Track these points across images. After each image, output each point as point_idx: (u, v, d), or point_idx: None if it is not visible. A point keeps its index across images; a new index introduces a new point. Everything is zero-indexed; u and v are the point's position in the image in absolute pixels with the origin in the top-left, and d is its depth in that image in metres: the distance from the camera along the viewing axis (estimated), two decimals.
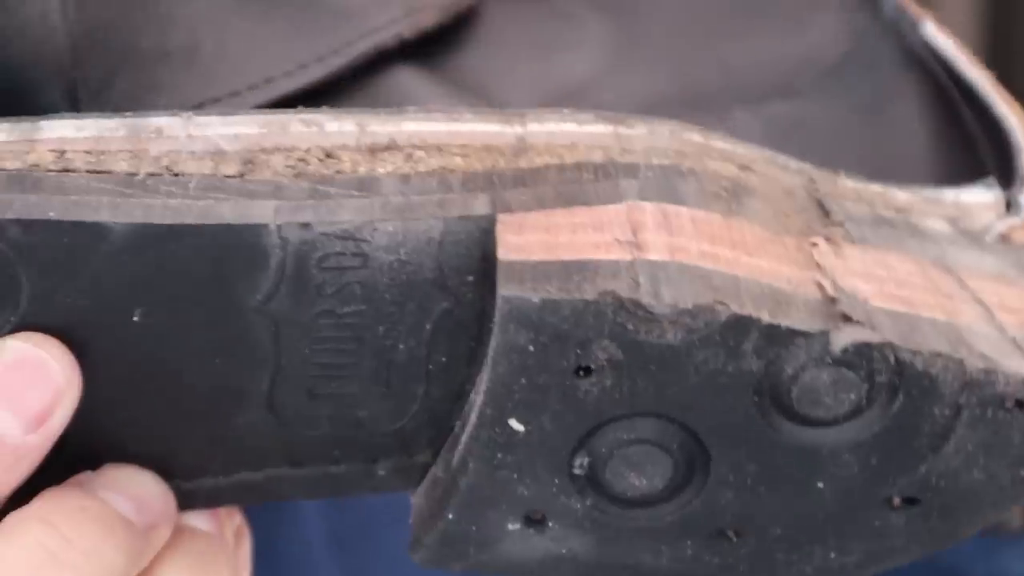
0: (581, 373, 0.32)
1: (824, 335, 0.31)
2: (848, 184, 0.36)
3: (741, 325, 0.31)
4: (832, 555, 0.35)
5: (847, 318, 0.32)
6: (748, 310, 0.31)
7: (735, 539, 0.35)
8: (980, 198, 0.37)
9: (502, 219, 0.32)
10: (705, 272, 0.32)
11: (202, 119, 0.34)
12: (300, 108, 0.35)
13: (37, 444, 0.33)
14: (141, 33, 0.38)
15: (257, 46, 0.38)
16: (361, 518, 0.51)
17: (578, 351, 0.32)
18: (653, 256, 0.32)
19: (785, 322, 0.31)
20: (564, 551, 0.35)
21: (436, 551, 0.35)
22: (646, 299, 0.31)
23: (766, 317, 0.31)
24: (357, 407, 0.35)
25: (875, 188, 0.36)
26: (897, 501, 0.34)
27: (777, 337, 0.31)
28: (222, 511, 0.37)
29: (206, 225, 0.32)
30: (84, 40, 0.37)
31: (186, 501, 0.36)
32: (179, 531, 0.36)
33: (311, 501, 0.50)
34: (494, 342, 0.32)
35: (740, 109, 0.41)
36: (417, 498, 0.36)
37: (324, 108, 0.35)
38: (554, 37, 0.43)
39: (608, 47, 0.42)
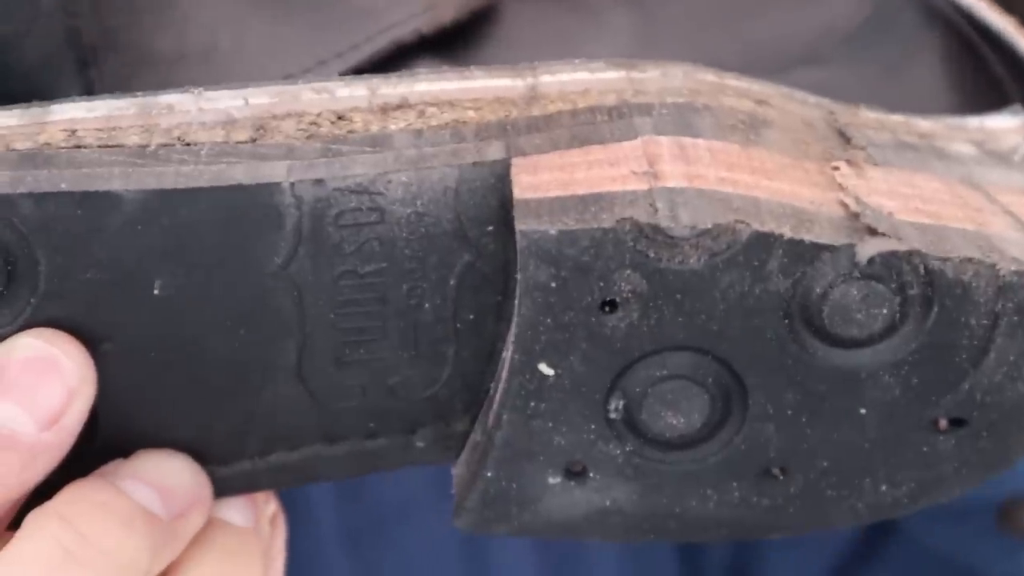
0: (606, 308, 0.31)
1: (850, 248, 0.31)
2: (869, 115, 0.36)
3: (764, 243, 0.31)
4: (883, 487, 0.34)
5: (872, 231, 0.31)
6: (770, 227, 0.31)
7: (782, 477, 0.34)
8: (1005, 123, 0.37)
9: (516, 162, 0.32)
10: (724, 195, 0.31)
11: (212, 93, 0.34)
12: (311, 77, 0.35)
13: (52, 442, 0.32)
14: (157, 34, 0.38)
15: (275, 45, 0.38)
16: (374, 514, 0.51)
17: (601, 283, 0.31)
18: (671, 183, 0.31)
19: (809, 237, 0.31)
20: (608, 503, 0.34)
21: (479, 514, 0.35)
22: (664, 222, 0.30)
23: (788, 232, 0.31)
24: (388, 374, 0.34)
25: (897, 118, 0.36)
26: (944, 424, 0.33)
27: (802, 253, 0.31)
28: (259, 499, 0.37)
29: (219, 187, 0.32)
30: (101, 41, 0.37)
31: (223, 487, 0.36)
32: (212, 524, 0.35)
33: (323, 496, 0.50)
34: (518, 282, 0.31)
35: (765, 80, 0.41)
36: (458, 468, 0.36)
37: (335, 76, 0.35)
38: (576, 30, 0.43)
39: (630, 37, 0.43)
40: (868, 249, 0.31)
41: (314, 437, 0.35)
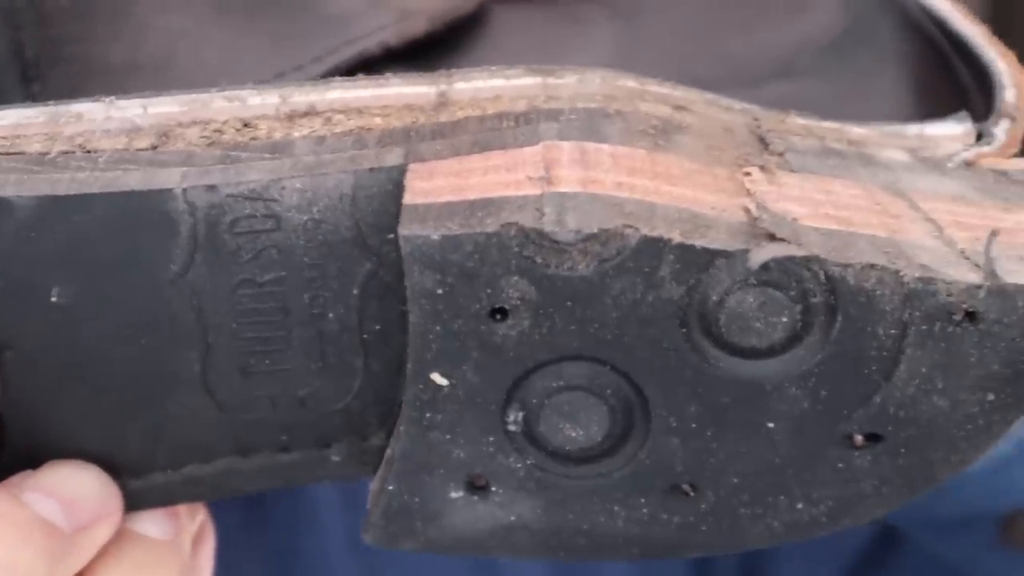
0: (497, 316, 0.31)
1: (744, 254, 0.30)
2: (798, 121, 0.35)
3: (653, 248, 0.30)
4: (799, 505, 0.33)
5: (771, 236, 0.30)
6: (660, 232, 0.30)
7: (692, 494, 0.33)
8: (948, 130, 0.35)
9: (413, 168, 0.32)
10: (618, 200, 0.30)
11: (124, 102, 0.34)
12: (225, 85, 0.34)
13: None
14: (111, 44, 0.38)
15: (235, 57, 0.38)
16: None
17: (488, 290, 0.30)
18: (563, 188, 0.30)
19: (701, 242, 0.30)
20: (513, 518, 0.33)
21: (384, 528, 0.34)
22: (548, 227, 0.30)
23: (678, 237, 0.30)
24: (297, 385, 0.34)
25: (829, 124, 0.35)
26: (859, 439, 0.32)
27: (694, 259, 0.30)
28: (182, 511, 0.36)
29: (113, 194, 0.32)
30: (46, 54, 0.37)
31: (138, 500, 0.35)
32: (124, 536, 0.35)
33: (330, 500, 0.49)
34: (407, 290, 0.31)
35: (736, 94, 0.40)
36: (374, 482, 0.35)
37: (250, 84, 0.35)
38: (560, 41, 0.42)
39: (613, 49, 0.42)
40: (762, 254, 0.30)
41: (227, 450, 0.35)
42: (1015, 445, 0.48)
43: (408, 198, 0.31)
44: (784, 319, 0.30)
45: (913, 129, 0.35)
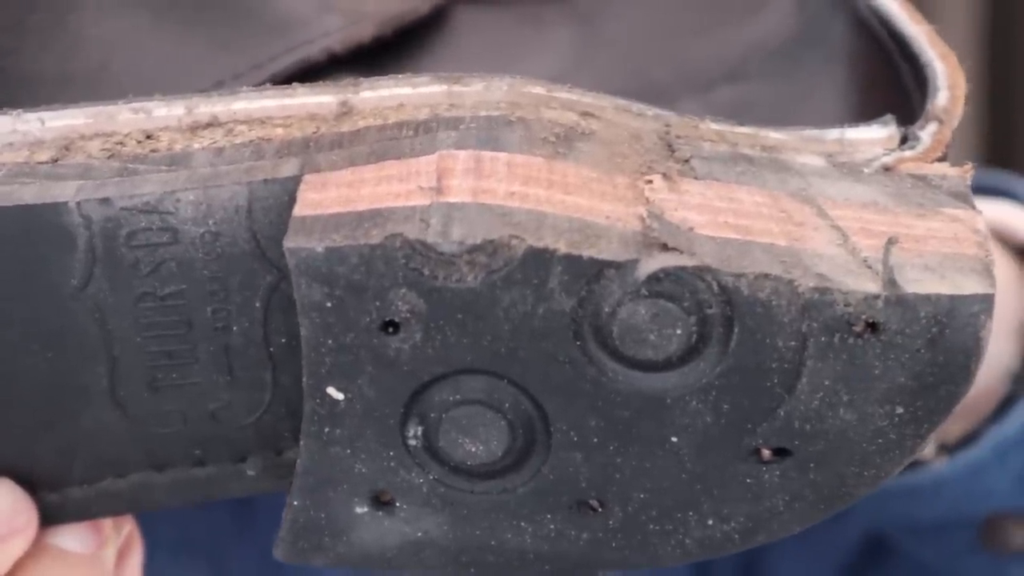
0: (389, 329, 0.30)
1: (634, 264, 0.29)
2: (711, 127, 0.34)
3: (540, 259, 0.29)
4: (710, 522, 0.32)
5: (664, 246, 0.29)
6: (546, 242, 0.29)
7: (599, 510, 0.32)
8: (869, 134, 0.34)
9: (307, 179, 0.31)
10: (507, 210, 0.29)
11: (30, 115, 0.33)
12: (131, 96, 0.34)
13: None
14: (42, 56, 0.37)
15: (174, 65, 0.38)
16: None
17: (377, 303, 0.30)
18: (452, 198, 0.30)
19: (588, 253, 0.29)
20: (420, 534, 0.33)
21: (292, 544, 0.33)
22: (432, 238, 0.29)
23: (564, 248, 0.29)
24: (206, 399, 0.34)
25: (743, 130, 0.34)
26: (767, 454, 0.31)
27: (582, 270, 0.29)
28: (106, 524, 0.36)
29: (7, 208, 0.31)
30: None
31: (55, 514, 0.35)
32: (43, 550, 0.35)
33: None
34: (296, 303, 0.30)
35: (688, 98, 0.40)
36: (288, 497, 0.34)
37: (156, 95, 0.34)
38: (517, 44, 0.42)
39: (570, 52, 0.42)
40: (652, 264, 0.29)
41: (141, 464, 0.35)
42: (992, 449, 0.48)
43: (297, 210, 0.30)
44: (679, 331, 0.29)
45: (833, 133, 0.34)
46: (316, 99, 0.33)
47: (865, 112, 0.38)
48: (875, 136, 0.34)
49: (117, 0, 0.38)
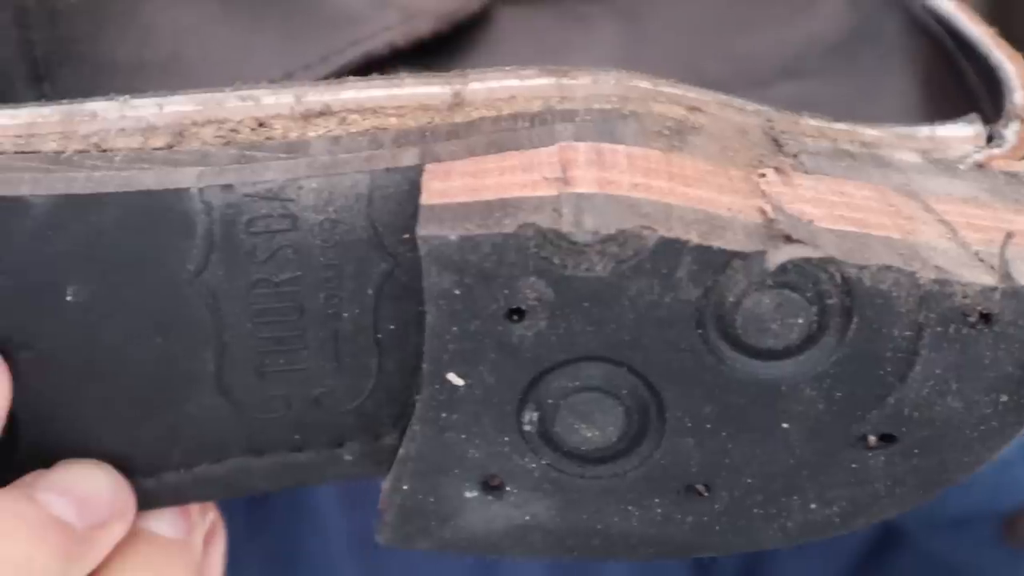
0: (514, 317, 0.31)
1: (761, 255, 0.30)
2: (810, 123, 0.35)
3: (671, 249, 0.30)
4: (813, 506, 0.33)
5: (788, 238, 0.30)
6: (677, 233, 0.30)
7: (706, 494, 0.33)
8: (959, 132, 0.35)
9: (429, 168, 0.32)
10: (634, 201, 0.30)
11: (138, 101, 0.34)
12: (239, 84, 0.34)
13: None
14: (118, 44, 0.38)
15: (243, 55, 0.38)
16: None
17: (505, 291, 0.30)
18: (580, 189, 0.30)
19: (718, 243, 0.30)
20: (528, 518, 0.33)
21: (398, 528, 0.34)
22: (566, 228, 0.30)
23: (695, 239, 0.30)
24: (311, 385, 0.34)
25: (841, 126, 0.35)
26: (873, 440, 0.32)
27: (711, 261, 0.30)
28: (194, 510, 0.36)
29: (128, 193, 0.32)
30: (56, 53, 0.37)
31: (149, 499, 0.35)
32: (137, 535, 0.35)
33: (331, 500, 0.50)
34: (424, 291, 0.31)
35: (744, 94, 0.40)
36: (386, 482, 0.35)
37: (264, 83, 0.35)
38: (564, 40, 0.42)
39: (618, 47, 0.42)
40: (779, 256, 0.30)
41: (240, 449, 0.35)
42: (1017, 445, 0.49)
43: (425, 198, 0.31)
44: (800, 320, 0.30)
45: (924, 131, 0.35)
46: (425, 89, 0.34)
47: (929, 111, 0.40)
48: (964, 134, 0.35)
49: None
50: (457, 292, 0.30)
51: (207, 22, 0.39)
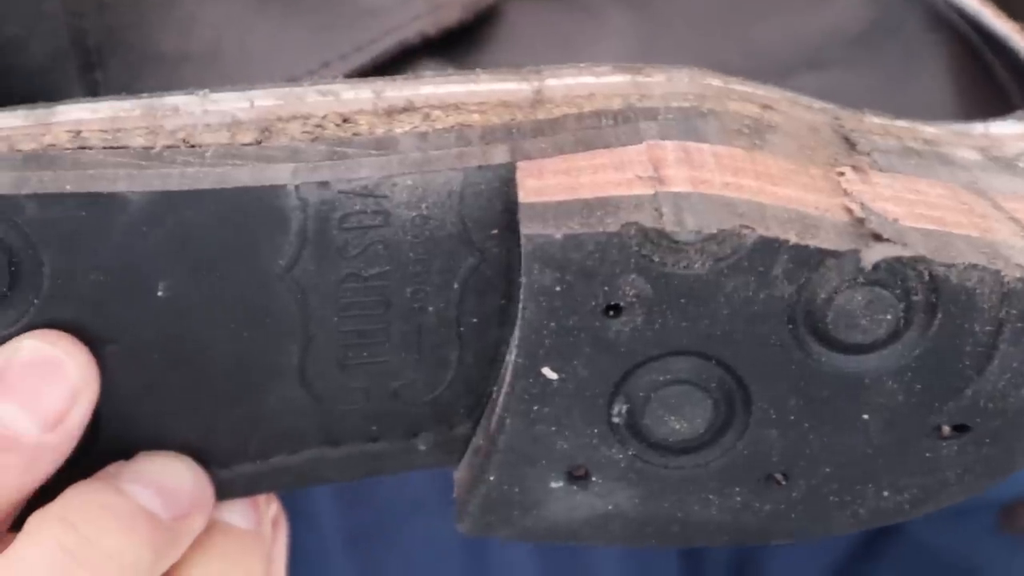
0: (611, 312, 0.31)
1: (855, 254, 0.31)
2: (874, 120, 0.36)
3: (770, 248, 0.31)
4: (885, 493, 0.34)
5: (878, 237, 0.31)
6: (775, 232, 0.31)
7: (784, 483, 0.34)
8: (1010, 129, 0.37)
9: (522, 166, 0.32)
10: (729, 200, 0.31)
11: (218, 95, 0.34)
12: (316, 79, 0.35)
13: (55, 444, 0.32)
14: (162, 34, 0.38)
15: (279, 46, 0.38)
16: (377, 514, 0.51)
17: (605, 288, 0.31)
18: (675, 188, 0.31)
19: (814, 243, 0.31)
20: (610, 507, 0.34)
21: (480, 518, 0.35)
22: (670, 227, 0.30)
23: (794, 238, 0.31)
24: (391, 377, 0.34)
25: (901, 123, 0.36)
26: (947, 430, 0.33)
27: (807, 259, 0.31)
28: (260, 501, 0.37)
29: (224, 189, 0.32)
30: (106, 42, 0.37)
31: (224, 489, 0.36)
32: (213, 527, 0.35)
33: (327, 498, 0.50)
34: (522, 286, 0.31)
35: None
36: (460, 471, 0.36)
37: (340, 78, 0.35)
38: (577, 32, 0.43)
39: (632, 39, 0.42)
40: (873, 255, 0.31)
41: (316, 440, 0.35)
42: None
43: (523, 196, 0.31)
44: (888, 316, 0.31)
45: (978, 128, 0.36)
46: (504, 86, 0.34)
47: (959, 106, 0.41)
48: (1016, 131, 0.36)
49: None
50: (557, 289, 0.31)
51: (244, 13, 0.39)
